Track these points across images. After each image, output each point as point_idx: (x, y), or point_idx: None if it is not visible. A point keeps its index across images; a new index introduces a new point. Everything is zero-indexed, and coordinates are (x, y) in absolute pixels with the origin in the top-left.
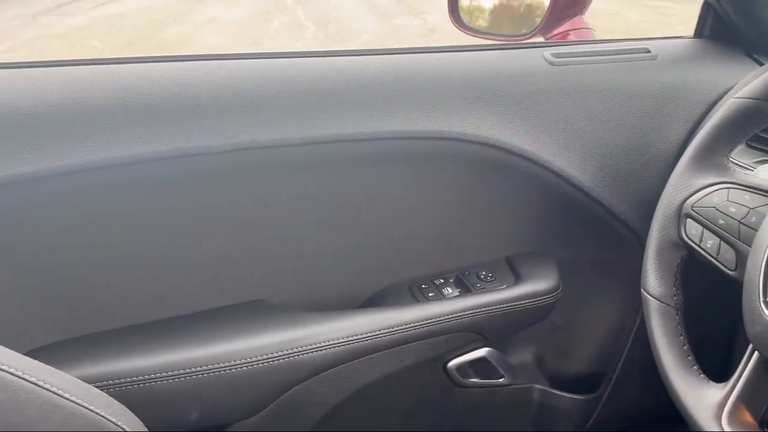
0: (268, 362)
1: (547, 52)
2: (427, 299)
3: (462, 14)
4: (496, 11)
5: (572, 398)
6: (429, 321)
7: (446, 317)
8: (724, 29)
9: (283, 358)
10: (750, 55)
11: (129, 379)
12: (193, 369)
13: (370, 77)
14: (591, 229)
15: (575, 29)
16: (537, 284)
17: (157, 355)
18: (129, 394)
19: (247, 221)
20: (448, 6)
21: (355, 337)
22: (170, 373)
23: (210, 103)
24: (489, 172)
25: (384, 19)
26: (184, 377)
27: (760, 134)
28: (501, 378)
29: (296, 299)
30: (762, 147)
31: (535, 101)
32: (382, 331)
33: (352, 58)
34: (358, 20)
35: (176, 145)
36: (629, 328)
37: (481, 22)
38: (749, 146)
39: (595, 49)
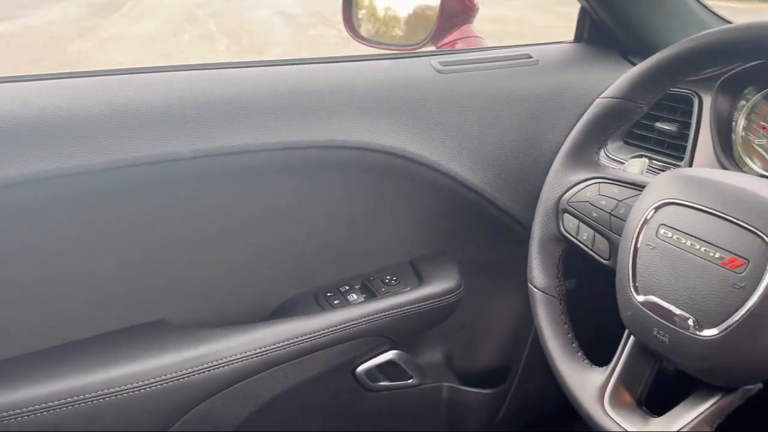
0: (167, 383)
1: (435, 61)
2: (333, 307)
3: (357, 25)
4: (389, 22)
5: (480, 393)
6: (335, 328)
7: (352, 323)
8: (601, 34)
9: (184, 378)
10: (625, 57)
11: (23, 410)
12: (90, 395)
13: (265, 88)
14: (489, 229)
15: (464, 37)
16: (439, 285)
17: (52, 383)
18: (23, 425)
19: (143, 238)
20: (343, 17)
21: (260, 350)
22: (67, 400)
23: (92, 121)
24: (388, 179)
25: (299, 29)
26: (81, 403)
27: (635, 131)
28: (410, 379)
29: (198, 317)
30: (636, 143)
31: (425, 108)
32: (287, 342)
33: (247, 69)
34: (273, 32)
35: (57, 165)
36: (531, 322)
37: (376, 33)
38: (626, 143)
39: (480, 57)
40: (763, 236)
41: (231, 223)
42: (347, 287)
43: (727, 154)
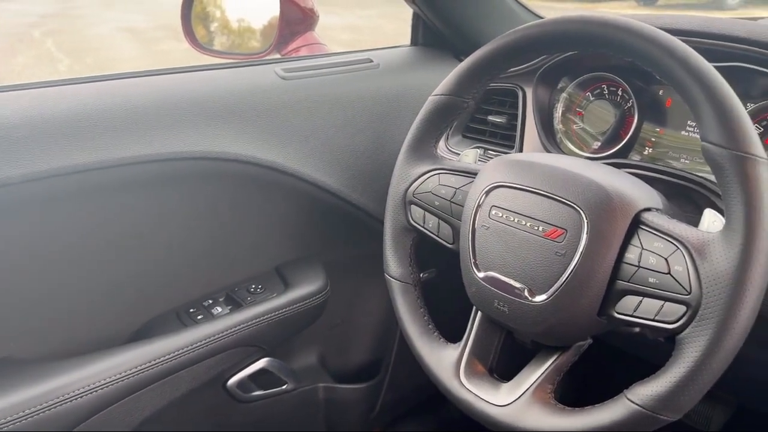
0: (21, 421)
1: (279, 68)
2: (196, 322)
3: (199, 35)
4: (232, 31)
5: (355, 388)
6: (200, 343)
7: (218, 336)
8: (434, 37)
9: (39, 413)
10: (457, 57)
11: None
12: None
13: (106, 103)
14: (351, 228)
15: (308, 45)
16: (305, 288)
17: None
18: None
19: None
20: (183, 28)
21: (121, 375)
22: None
23: None
24: (244, 188)
25: (147, 45)
26: None
27: (471, 125)
28: (284, 385)
29: (52, 347)
30: (473, 136)
31: (271, 115)
32: (150, 364)
33: (84, 85)
34: (120, 48)
35: None
36: None
37: (223, 43)
38: (464, 136)
39: (323, 63)
40: (577, 208)
41: (81, 245)
42: (210, 301)
43: (551, 139)
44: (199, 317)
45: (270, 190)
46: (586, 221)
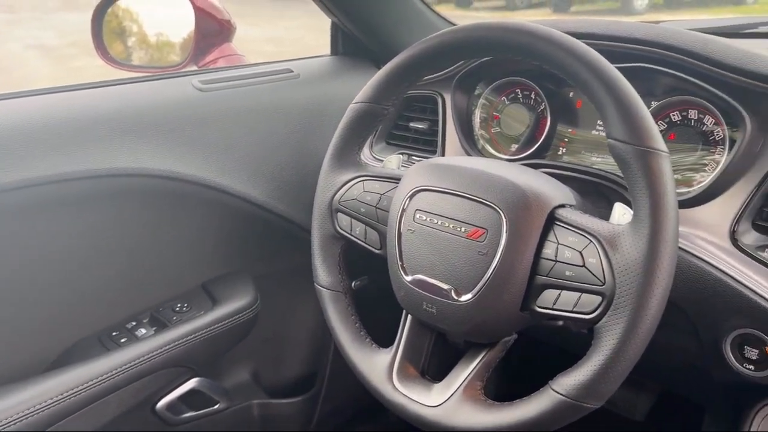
0: None
1: (196, 80)
2: (119, 345)
3: (116, 51)
4: (150, 46)
5: (291, 402)
6: (124, 367)
7: (143, 358)
8: (354, 46)
9: None
10: (377, 66)
11: None
12: None
13: (22, 120)
14: (279, 240)
15: (225, 56)
16: (234, 303)
17: None
18: None
19: None
20: (95, 44)
21: (43, 405)
22: None
23: None
24: (167, 203)
25: (60, 62)
26: None
27: (394, 132)
28: (216, 404)
29: None
30: (396, 142)
31: (190, 128)
32: (72, 392)
33: (6, 102)
34: (30, 66)
35: None
36: None
37: (137, 57)
38: (388, 143)
39: (242, 74)
40: (496, 207)
41: None
42: (134, 323)
43: (471, 143)
44: (122, 340)
45: (192, 204)
46: (505, 220)
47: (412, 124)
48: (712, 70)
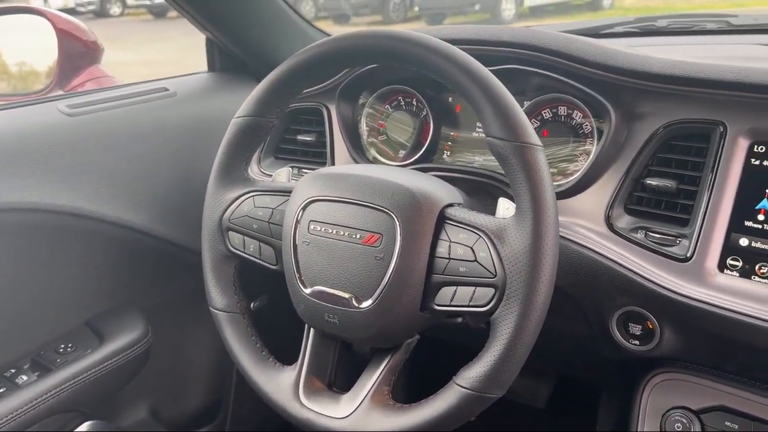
0: None
1: (63, 105)
2: None
3: None
4: (12, 76)
5: None
6: (6, 419)
7: (27, 407)
8: (231, 61)
9: None
10: (257, 80)
11: None
12: None
13: None
14: (169, 267)
15: (94, 78)
16: (123, 338)
17: None
18: None
19: None
20: None
21: None
22: None
23: None
24: (42, 238)
25: None
26: None
27: (282, 146)
28: None
29: None
30: (285, 156)
31: (60, 155)
32: None
33: None
34: None
35: None
36: None
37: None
38: (276, 157)
39: (113, 95)
40: (389, 212)
41: None
42: (13, 370)
43: (359, 152)
44: (0, 390)
45: (69, 237)
46: (398, 223)
47: (299, 137)
48: (575, 67)
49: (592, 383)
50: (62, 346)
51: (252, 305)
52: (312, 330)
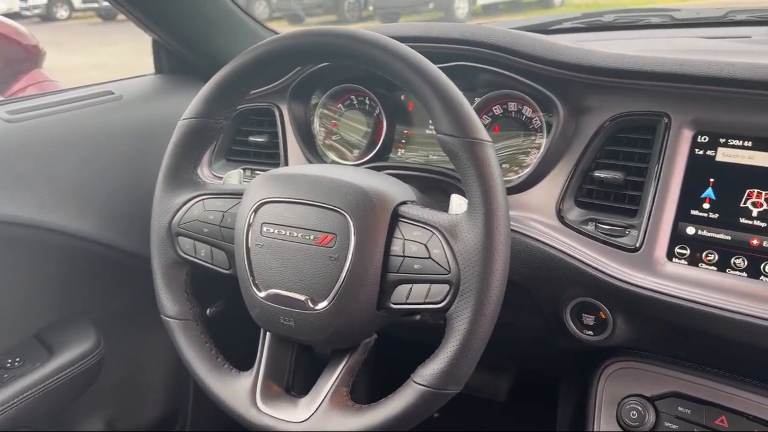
0: None
1: (2, 111)
2: None
3: None
4: None
5: None
6: None
7: None
8: (179, 62)
9: None
10: (206, 81)
11: None
12: None
13: None
14: (120, 275)
15: (36, 83)
16: (73, 351)
17: None
18: None
19: None
20: None
21: None
22: None
23: None
24: None
25: None
26: None
27: (234, 147)
28: None
29: None
30: (237, 158)
31: (1, 163)
32: None
33: None
34: None
35: None
36: None
37: None
38: (228, 160)
39: (56, 100)
40: (342, 211)
41: None
42: None
43: (313, 152)
44: None
45: (13, 247)
46: (352, 223)
47: (251, 138)
48: (523, 63)
49: (551, 375)
50: (9, 360)
51: (208, 311)
52: (268, 334)
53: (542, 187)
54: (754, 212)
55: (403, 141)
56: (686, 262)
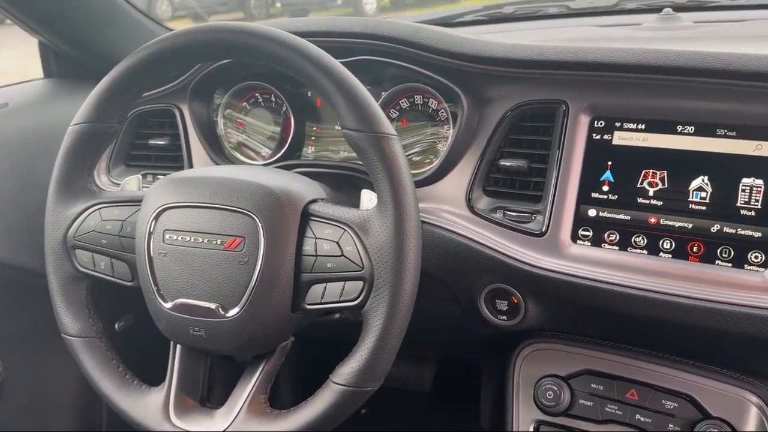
0: None
1: None
2: None
3: None
4: None
5: None
6: None
7: None
8: (70, 65)
9: None
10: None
11: None
12: None
13: None
14: (15, 294)
15: None
16: None
17: None
18: None
19: None
20: None
21: None
22: None
23: None
24: None
25: None
26: None
27: (133, 152)
28: None
29: None
30: (137, 163)
31: None
32: None
33: None
34: None
35: None
36: None
37: None
38: (127, 165)
39: None
40: (250, 213)
41: None
42: None
43: (218, 153)
44: None
45: None
46: (260, 224)
47: (152, 142)
48: (425, 55)
49: (472, 361)
50: None
51: (117, 326)
52: (179, 346)
53: (452, 178)
54: (651, 192)
55: (313, 138)
56: (589, 244)
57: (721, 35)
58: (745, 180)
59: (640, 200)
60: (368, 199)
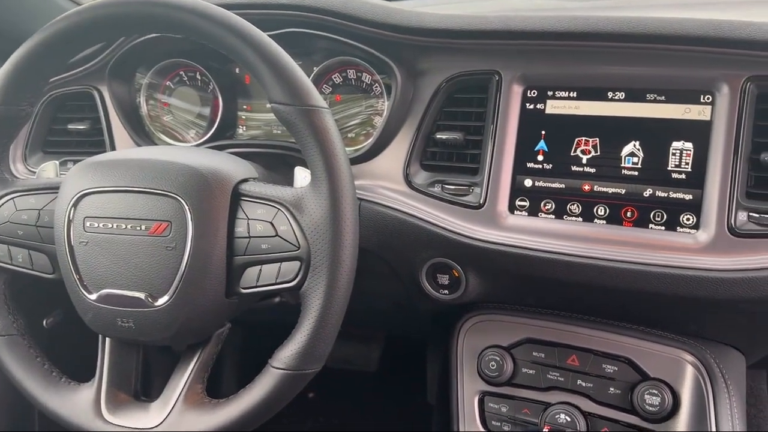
0: None
1: None
2: None
3: None
4: None
5: None
6: None
7: None
8: None
9: None
10: None
11: None
12: None
13: None
14: None
15: None
16: None
17: None
18: None
19: None
20: None
21: None
22: None
23: None
24: None
25: None
26: None
27: (51, 138)
28: None
29: None
30: (55, 149)
31: None
32: None
33: None
34: None
35: None
36: None
37: None
38: (46, 152)
39: None
40: (175, 196)
41: None
42: None
43: (142, 135)
44: None
45: None
46: (187, 207)
47: (70, 126)
48: (355, 27)
49: (418, 338)
50: None
51: (45, 322)
52: (107, 339)
53: (388, 154)
54: (584, 159)
55: (244, 117)
56: (527, 214)
57: (654, 3)
58: (675, 144)
59: (574, 168)
60: (302, 176)
